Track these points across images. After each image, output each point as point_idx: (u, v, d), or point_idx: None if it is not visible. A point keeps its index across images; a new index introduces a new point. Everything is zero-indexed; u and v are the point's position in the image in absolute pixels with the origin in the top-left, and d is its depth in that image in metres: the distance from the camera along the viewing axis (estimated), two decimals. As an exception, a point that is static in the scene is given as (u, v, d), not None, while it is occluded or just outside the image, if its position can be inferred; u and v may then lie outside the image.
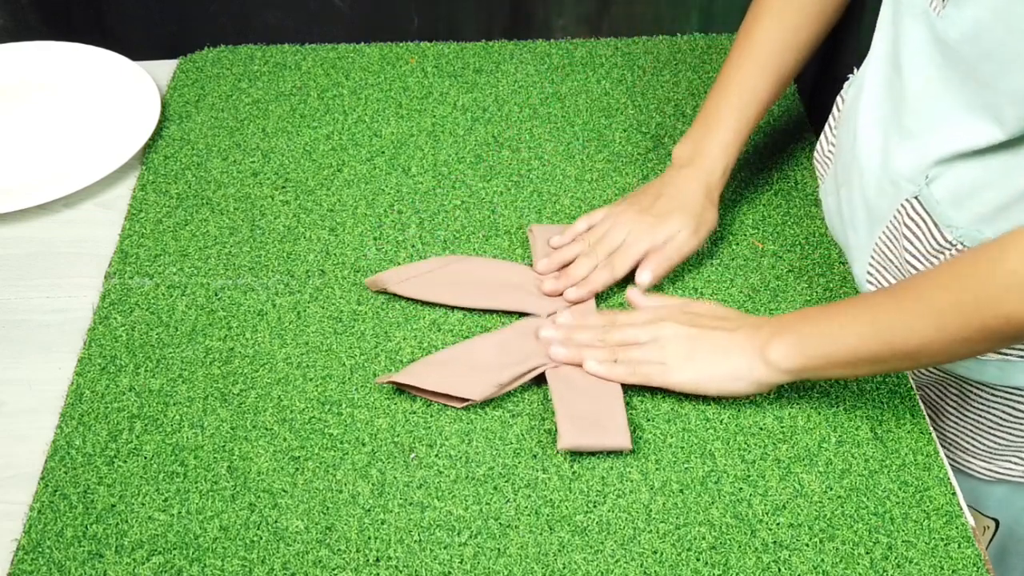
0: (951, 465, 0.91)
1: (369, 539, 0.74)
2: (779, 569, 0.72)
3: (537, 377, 0.83)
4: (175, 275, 0.92)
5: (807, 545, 0.73)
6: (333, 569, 0.72)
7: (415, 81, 1.15)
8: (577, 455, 0.78)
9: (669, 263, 0.89)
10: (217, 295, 0.91)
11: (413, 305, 0.90)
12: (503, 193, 1.01)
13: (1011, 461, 0.91)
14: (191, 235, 0.96)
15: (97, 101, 1.11)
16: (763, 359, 0.76)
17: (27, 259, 0.95)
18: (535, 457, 0.79)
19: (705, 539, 0.73)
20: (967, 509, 0.76)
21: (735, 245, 0.96)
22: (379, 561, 0.72)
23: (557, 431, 0.78)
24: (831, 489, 0.76)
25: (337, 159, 1.05)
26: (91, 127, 1.08)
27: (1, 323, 0.90)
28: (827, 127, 0.94)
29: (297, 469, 0.78)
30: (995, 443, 0.89)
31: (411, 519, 0.75)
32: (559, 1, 1.21)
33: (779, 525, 0.74)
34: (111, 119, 1.09)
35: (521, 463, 0.78)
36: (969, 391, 0.88)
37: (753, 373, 0.77)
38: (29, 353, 0.87)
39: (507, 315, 0.88)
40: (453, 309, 0.89)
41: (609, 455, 0.78)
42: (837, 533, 0.74)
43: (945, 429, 0.92)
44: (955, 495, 0.76)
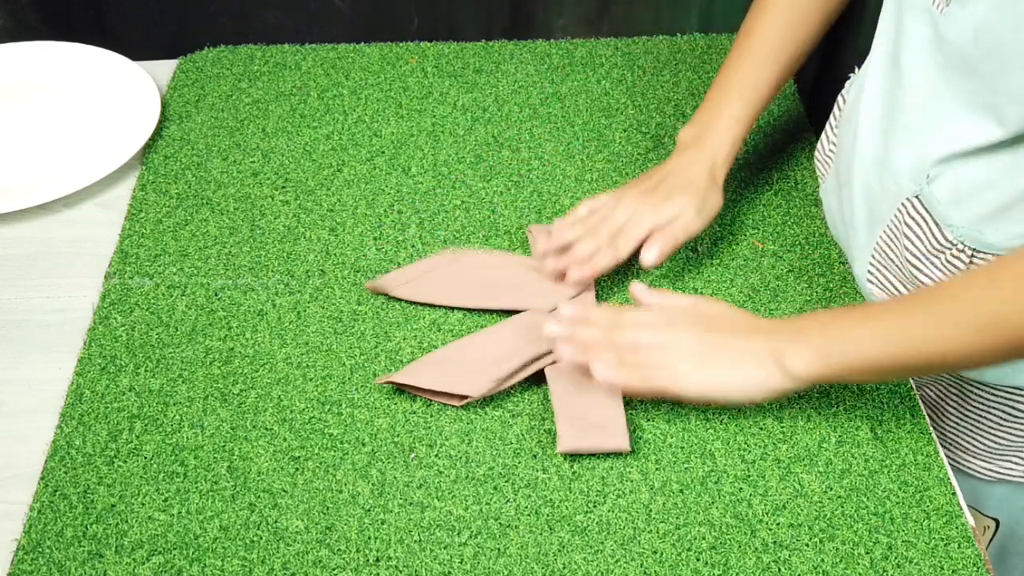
0: (951, 465, 0.91)
1: (369, 539, 0.74)
2: (779, 569, 0.72)
3: (537, 377, 0.83)
4: (175, 275, 0.92)
5: (807, 545, 0.73)
6: (333, 569, 0.72)
7: (415, 81, 1.15)
8: (577, 455, 0.78)
9: (674, 242, 0.87)
10: (217, 295, 0.91)
11: (413, 305, 0.90)
12: (503, 193, 1.01)
13: (1011, 461, 0.91)
14: (191, 235, 0.96)
15: (97, 101, 1.11)
16: (780, 367, 0.73)
17: (27, 259, 0.95)
18: (535, 457, 0.79)
19: (705, 539, 0.73)
20: (967, 509, 0.76)
21: (735, 245, 0.96)
22: (379, 561, 0.72)
23: (557, 433, 0.78)
24: (831, 489, 0.76)
25: (337, 159, 1.05)
26: (91, 127, 1.08)
27: (1, 323, 0.90)
28: (828, 127, 0.94)
29: (297, 469, 0.78)
30: (995, 443, 0.89)
31: (411, 519, 0.75)
32: (559, 1, 1.21)
33: (779, 525, 0.74)
34: (111, 119, 1.09)
35: (521, 463, 0.78)
36: (969, 391, 0.88)
37: (769, 381, 0.73)
38: (29, 353, 0.87)
39: (507, 314, 0.88)
40: (453, 309, 0.89)
41: (609, 455, 0.78)
42: (837, 533, 0.74)
43: (945, 429, 0.92)
44: (955, 495, 0.76)
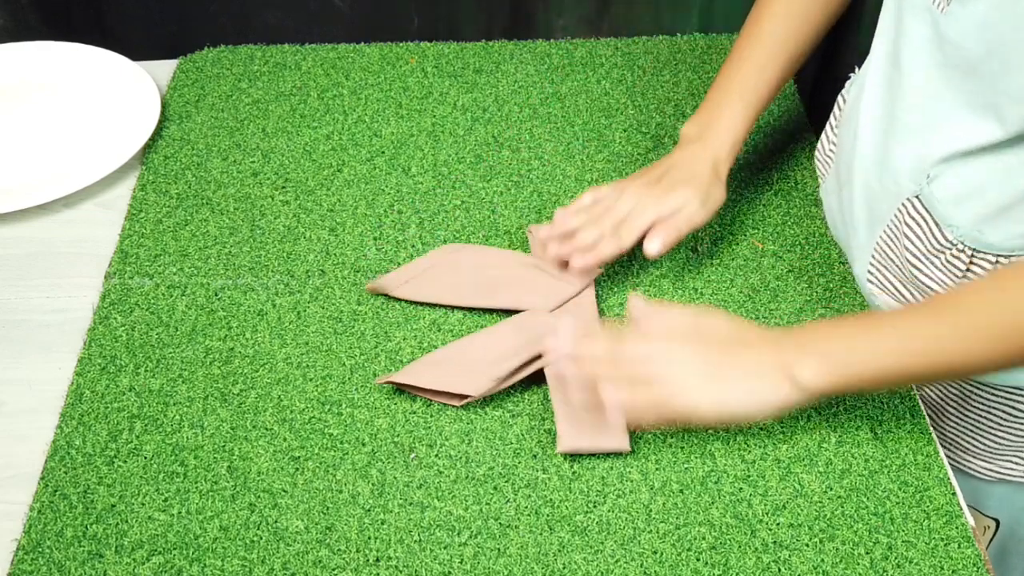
0: (951, 465, 0.91)
1: (369, 539, 0.74)
2: (779, 569, 0.72)
3: (537, 377, 0.83)
4: (175, 275, 0.92)
5: (807, 545, 0.73)
6: (333, 569, 0.72)
7: (415, 81, 1.15)
8: (577, 455, 0.78)
9: (677, 233, 0.87)
10: (217, 295, 0.91)
11: (413, 305, 0.90)
12: (503, 193, 1.01)
13: (1012, 461, 0.91)
14: (191, 235, 0.96)
15: (97, 101, 1.11)
16: (791, 380, 0.71)
17: (27, 259, 0.95)
18: (535, 457, 0.79)
19: (705, 539, 0.73)
20: (967, 509, 0.76)
21: (735, 245, 0.96)
22: (379, 561, 0.72)
23: (557, 433, 0.78)
24: (831, 489, 0.76)
25: (337, 159, 1.05)
26: (91, 127, 1.08)
27: (1, 323, 0.90)
28: (828, 126, 0.94)
29: (297, 469, 0.78)
30: (995, 443, 0.89)
31: (411, 519, 0.75)
32: (559, 1, 1.21)
33: (779, 525, 0.74)
34: (111, 119, 1.09)
35: (521, 463, 0.78)
36: (970, 391, 0.88)
37: (779, 395, 0.71)
38: (29, 353, 0.87)
39: (507, 314, 0.88)
40: (453, 309, 0.89)
41: (609, 455, 0.78)
42: (837, 533, 0.74)
43: (945, 429, 0.92)
44: (955, 495, 0.76)
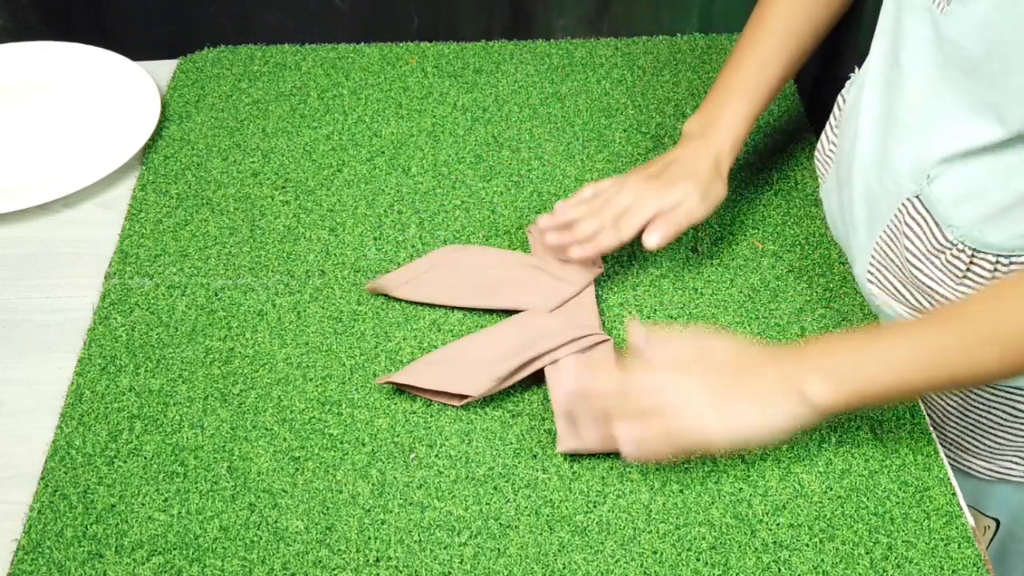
0: (952, 465, 0.91)
1: (369, 539, 0.74)
2: (779, 569, 0.72)
3: (537, 377, 0.83)
4: (175, 275, 0.92)
5: (807, 545, 0.73)
6: (333, 569, 0.72)
7: (415, 81, 1.15)
8: (577, 455, 0.78)
9: (677, 227, 0.87)
10: (217, 295, 0.91)
11: (413, 305, 0.90)
12: (503, 193, 1.01)
13: (1012, 461, 0.91)
14: (191, 235, 0.96)
15: (97, 101, 1.11)
16: (800, 399, 0.71)
17: (27, 259, 0.95)
18: (535, 457, 0.79)
19: (705, 539, 0.73)
20: (967, 509, 0.76)
21: (735, 245, 0.96)
22: (379, 561, 0.72)
23: (557, 433, 0.78)
24: (831, 489, 0.76)
25: (337, 159, 1.05)
26: (91, 127, 1.08)
27: (1, 323, 0.90)
28: (828, 126, 0.94)
29: (297, 469, 0.78)
30: (996, 443, 0.89)
31: (411, 519, 0.75)
32: (559, 1, 1.21)
33: (779, 525, 0.74)
34: (111, 119, 1.09)
35: (521, 463, 0.78)
36: (970, 391, 0.87)
37: (791, 415, 0.71)
38: (29, 353, 0.87)
39: (507, 314, 0.88)
40: (453, 309, 0.89)
41: (609, 455, 0.78)
42: (837, 533, 0.74)
43: (946, 429, 0.92)
44: (955, 495, 0.76)
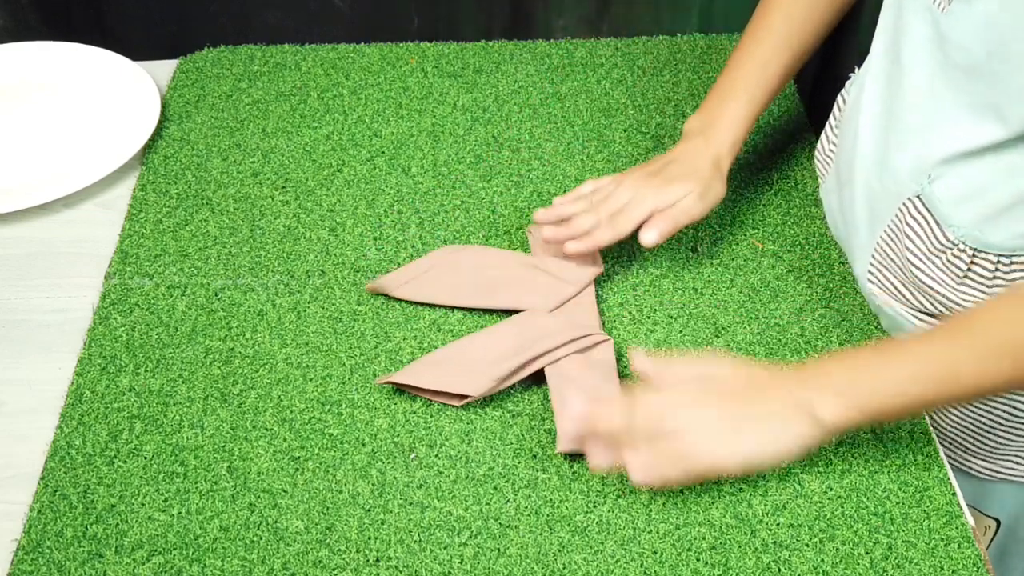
0: (952, 465, 0.91)
1: (369, 539, 0.74)
2: (779, 569, 0.72)
3: (537, 377, 0.83)
4: (175, 275, 0.92)
5: (807, 545, 0.73)
6: (333, 569, 0.72)
7: (415, 81, 1.15)
8: (577, 455, 0.78)
9: (674, 224, 0.87)
10: (217, 295, 0.91)
11: (413, 305, 0.90)
12: (503, 193, 1.01)
13: (1013, 461, 0.91)
14: (191, 235, 0.96)
15: (97, 101, 1.11)
16: (811, 420, 0.70)
17: (27, 259, 0.95)
18: (535, 457, 0.79)
19: (705, 539, 0.73)
20: (967, 509, 0.76)
21: (735, 245, 0.96)
22: (379, 561, 0.72)
23: (556, 433, 0.78)
24: (831, 489, 0.76)
25: (337, 159, 1.05)
26: (91, 127, 1.08)
27: (1, 323, 0.90)
28: (828, 126, 0.94)
29: (297, 469, 0.78)
30: (996, 443, 0.89)
31: (411, 519, 0.75)
32: (559, 1, 1.21)
33: (779, 525, 0.74)
34: (111, 119, 1.09)
35: (521, 463, 0.78)
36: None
37: (802, 436, 0.71)
38: (29, 353, 0.87)
39: (507, 314, 0.88)
40: (453, 309, 0.89)
41: (609, 455, 0.78)
42: (837, 533, 0.74)
43: (946, 429, 0.92)
44: (955, 495, 0.76)
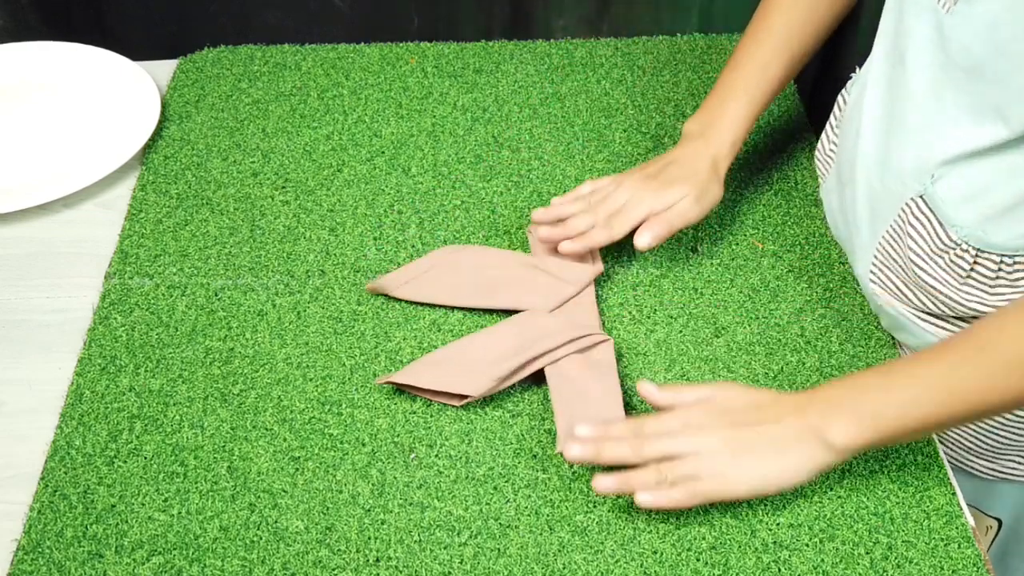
0: (954, 464, 0.91)
1: (369, 539, 0.74)
2: (779, 569, 0.72)
3: (537, 377, 0.83)
4: (175, 275, 0.92)
5: (807, 545, 0.73)
6: (333, 569, 0.72)
7: (415, 81, 1.15)
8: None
9: (670, 228, 0.88)
10: (217, 295, 0.91)
11: (413, 305, 0.90)
12: (503, 193, 1.01)
13: (1015, 461, 0.91)
14: (191, 235, 0.96)
15: (97, 101, 1.11)
16: (824, 445, 0.71)
17: (27, 259, 0.95)
18: (535, 457, 0.79)
19: (705, 539, 0.73)
20: (967, 509, 0.76)
21: (735, 245, 0.96)
22: (379, 561, 0.72)
23: (556, 433, 0.78)
24: (831, 489, 0.76)
25: (337, 159, 1.05)
26: (91, 127, 1.08)
27: (1, 323, 0.90)
28: (828, 126, 0.94)
29: (297, 469, 0.78)
30: (998, 442, 0.89)
31: (411, 519, 0.75)
32: (559, 1, 1.21)
33: (779, 525, 0.74)
34: (111, 119, 1.09)
35: (521, 463, 0.78)
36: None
37: (815, 461, 0.71)
38: (29, 353, 0.87)
39: (507, 314, 0.88)
40: (453, 309, 0.89)
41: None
42: (837, 533, 0.74)
43: (947, 429, 0.92)
44: (955, 495, 0.76)
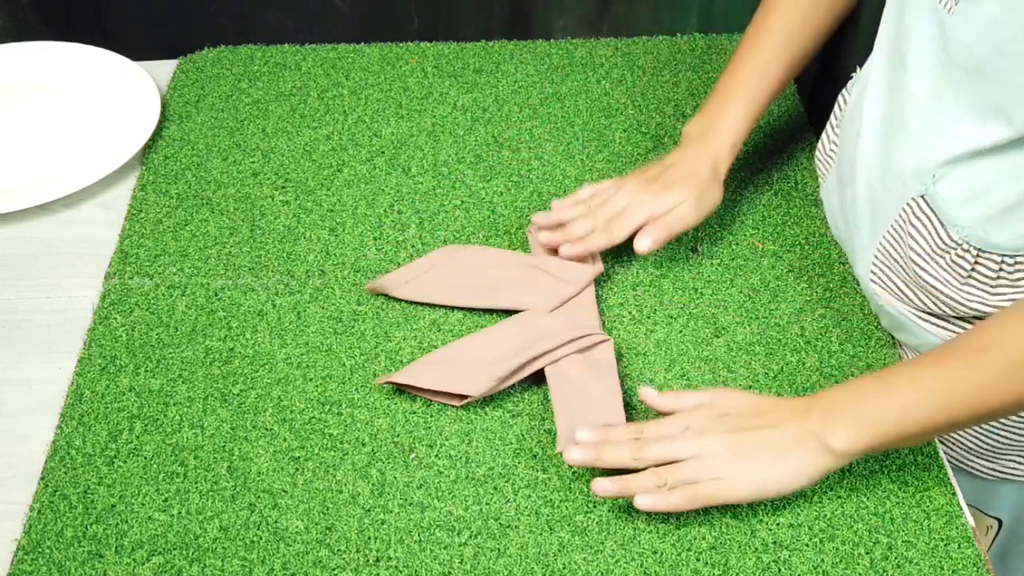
0: (954, 464, 0.91)
1: (369, 539, 0.74)
2: (779, 569, 0.72)
3: (537, 377, 0.83)
4: (175, 275, 0.92)
5: (807, 545, 0.73)
6: (333, 569, 0.72)
7: (415, 81, 1.15)
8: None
9: (669, 231, 0.88)
10: (217, 295, 0.91)
11: (413, 305, 0.90)
12: (503, 193, 1.01)
13: (1015, 460, 0.91)
14: (191, 235, 0.96)
15: (97, 101, 1.11)
16: (825, 449, 0.71)
17: (27, 259, 0.95)
18: (535, 457, 0.79)
19: (705, 539, 0.73)
20: (967, 509, 0.76)
21: (735, 245, 0.96)
22: (379, 561, 0.72)
23: (556, 433, 0.78)
24: (831, 489, 0.76)
25: (337, 159, 1.05)
26: (91, 127, 1.08)
27: (1, 323, 0.90)
28: (828, 126, 0.94)
29: (297, 469, 0.78)
30: (998, 442, 0.89)
31: (411, 519, 0.75)
32: (559, 1, 1.21)
33: (779, 525, 0.74)
34: (111, 119, 1.09)
35: (521, 463, 0.78)
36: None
37: (816, 466, 0.72)
38: (29, 353, 0.87)
39: (507, 314, 0.88)
40: (453, 309, 0.89)
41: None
42: (837, 533, 0.74)
43: (947, 429, 0.92)
44: (955, 495, 0.76)
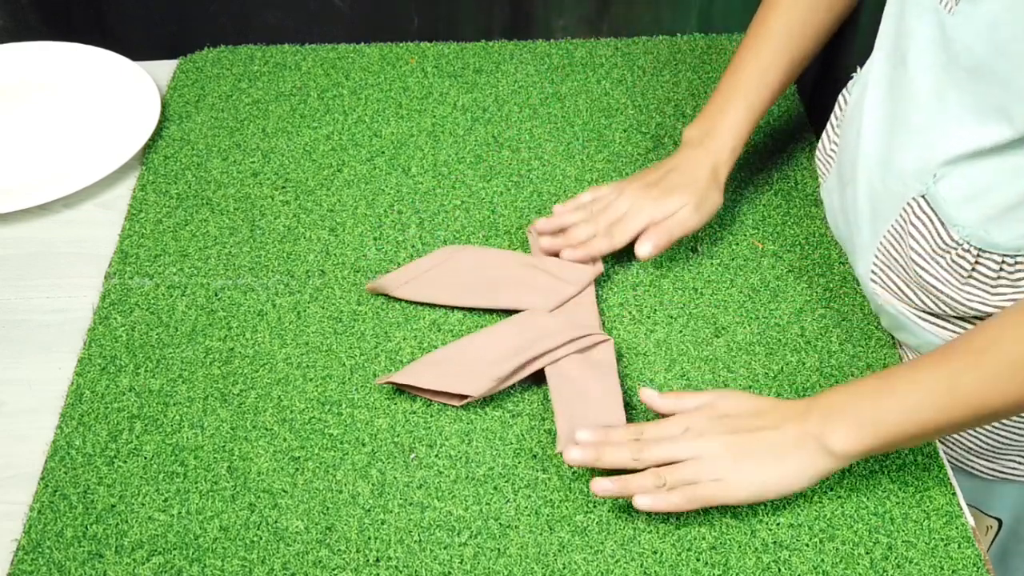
0: (954, 464, 0.91)
1: (369, 539, 0.74)
2: (779, 569, 0.72)
3: (537, 377, 0.83)
4: (175, 275, 0.92)
5: (807, 545, 0.73)
6: (333, 569, 0.72)
7: (415, 81, 1.15)
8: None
9: (669, 237, 0.89)
10: (217, 295, 0.91)
11: (413, 305, 0.90)
12: (503, 193, 1.01)
13: (1015, 460, 0.91)
14: (191, 235, 0.96)
15: (97, 101, 1.11)
16: (824, 451, 0.71)
17: (27, 259, 0.95)
18: (535, 457, 0.79)
19: (705, 539, 0.73)
20: (967, 509, 0.76)
21: (735, 245, 0.96)
22: (379, 561, 0.72)
23: (556, 433, 0.78)
24: (831, 489, 0.76)
25: (337, 159, 1.05)
26: (91, 127, 1.08)
27: (1, 323, 0.90)
28: (829, 126, 0.94)
29: (297, 469, 0.78)
30: (998, 442, 0.89)
31: (411, 519, 0.75)
32: (559, 1, 1.21)
33: (779, 525, 0.74)
34: (111, 119, 1.09)
35: (521, 463, 0.78)
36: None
37: (816, 467, 0.72)
38: (29, 353, 0.87)
39: (507, 314, 0.88)
40: (453, 309, 0.89)
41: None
42: (837, 533, 0.74)
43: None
44: (955, 495, 0.76)
